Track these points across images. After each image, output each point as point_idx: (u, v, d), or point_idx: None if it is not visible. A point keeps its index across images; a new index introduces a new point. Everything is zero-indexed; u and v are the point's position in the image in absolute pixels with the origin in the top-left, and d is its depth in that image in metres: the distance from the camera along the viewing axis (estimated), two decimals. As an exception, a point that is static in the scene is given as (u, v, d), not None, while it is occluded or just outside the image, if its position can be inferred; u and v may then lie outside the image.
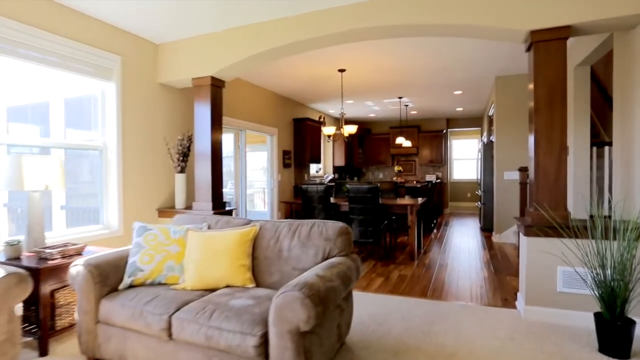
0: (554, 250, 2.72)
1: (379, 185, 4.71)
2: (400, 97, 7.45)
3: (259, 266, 2.45)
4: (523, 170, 4.54)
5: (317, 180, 9.15)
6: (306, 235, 2.41)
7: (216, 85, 4.15)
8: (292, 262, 2.36)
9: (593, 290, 2.37)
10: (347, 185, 4.71)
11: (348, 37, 3.43)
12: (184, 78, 4.18)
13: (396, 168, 7.86)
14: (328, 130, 5.33)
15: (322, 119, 9.21)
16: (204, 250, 2.40)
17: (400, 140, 8.25)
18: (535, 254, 2.78)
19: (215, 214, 4.00)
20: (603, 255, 2.35)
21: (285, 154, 7.31)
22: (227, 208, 4.33)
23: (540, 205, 2.77)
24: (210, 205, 4.08)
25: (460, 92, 6.98)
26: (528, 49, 3.00)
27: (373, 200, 4.62)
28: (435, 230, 7.23)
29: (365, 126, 11.23)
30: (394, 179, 7.72)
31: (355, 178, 11.16)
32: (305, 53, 4.75)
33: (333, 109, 9.04)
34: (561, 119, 2.77)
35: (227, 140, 9.38)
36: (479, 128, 10.26)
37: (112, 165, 3.83)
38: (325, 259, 2.31)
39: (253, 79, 5.95)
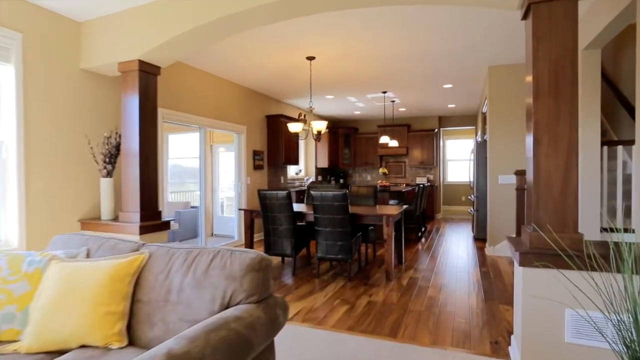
0: (561, 287, 1.98)
1: (349, 190, 3.97)
2: (384, 92, 6.72)
3: (139, 313, 1.70)
4: (520, 173, 3.81)
5: (296, 183, 8.41)
6: (204, 270, 1.67)
7: (147, 71, 3.41)
8: (181, 310, 1.62)
9: (616, 345, 1.64)
10: (312, 192, 3.98)
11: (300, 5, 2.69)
12: (109, 63, 3.44)
13: (381, 170, 7.14)
14: (294, 127, 4.59)
15: (302, 117, 8.48)
16: (60, 290, 1.66)
17: (385, 140, 7.53)
18: (534, 289, 2.04)
19: (143, 227, 3.27)
20: (635, 297, 1.61)
21: (256, 154, 6.57)
22: (168, 219, 3.60)
23: (541, 224, 2.04)
24: (138, 215, 3.34)
25: (450, 85, 6.26)
26: (524, 16, 2.27)
27: (341, 209, 3.89)
28: (423, 240, 6.50)
29: (351, 125, 10.50)
30: (379, 182, 7.00)
31: (341, 180, 10.43)
32: (268, 40, 4.02)
33: (315, 106, 8.30)
34: (571, 108, 2.03)
35: (193, 140, 8.70)
36: (474, 127, 9.55)
37: (9, 167, 3.08)
38: (224, 307, 1.57)
39: (215, 69, 5.21)
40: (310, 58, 4.70)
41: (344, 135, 9.99)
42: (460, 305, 3.25)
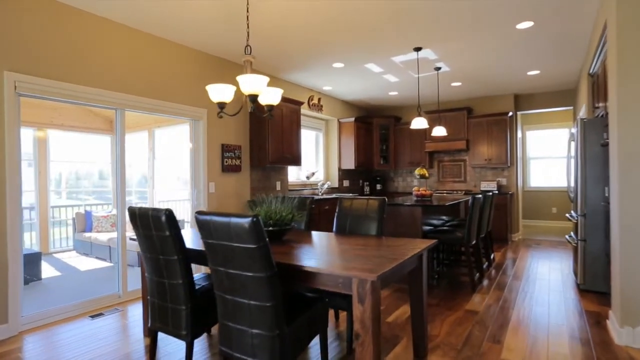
0: None
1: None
2: (417, 49, 4.29)
3: None
4: None
5: (306, 191, 6.26)
6: None
7: None
8: None
9: None
10: (198, 217, 1.85)
11: None
12: None
13: (417, 171, 4.67)
14: (215, 94, 2.45)
15: (314, 101, 6.35)
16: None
17: (437, 131, 5.03)
18: None
19: None
20: None
21: (227, 150, 4.59)
22: None
23: None
24: None
25: (529, 23, 3.63)
26: None
27: (250, 256, 1.68)
28: (484, 284, 3.91)
29: (390, 113, 8.05)
30: (415, 190, 4.57)
31: (378, 186, 8.01)
32: None
33: (332, 85, 6.10)
34: None
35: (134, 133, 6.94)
36: (571, 107, 6.49)
37: None
38: None
39: (146, 25, 3.35)
40: (246, -34, 2.57)
41: (380, 126, 7.60)
42: None
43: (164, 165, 7.07)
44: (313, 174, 6.57)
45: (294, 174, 6.37)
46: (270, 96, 2.63)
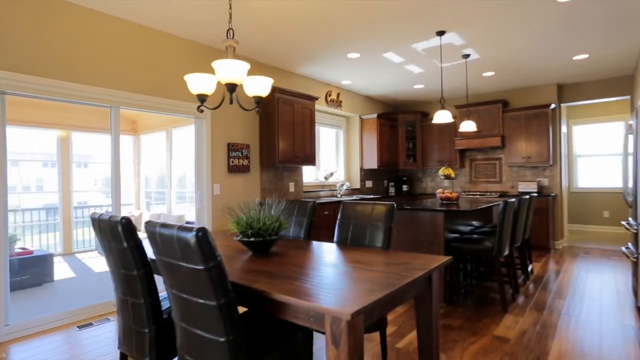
0: None
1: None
2: (440, 33, 3.79)
3: None
4: None
5: (323, 193, 5.89)
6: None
7: None
8: None
9: None
10: (146, 226, 1.54)
11: None
12: None
13: (442, 171, 4.14)
14: (195, 85, 2.14)
15: (332, 96, 5.96)
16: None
17: (465, 127, 4.49)
18: None
19: None
20: None
21: (233, 149, 4.32)
22: None
23: None
24: None
25: (575, -5, 3.05)
26: None
27: (201, 280, 1.34)
28: (520, 300, 3.36)
29: (417, 108, 7.50)
30: (440, 193, 4.06)
31: (404, 187, 7.48)
32: None
33: (351, 79, 5.70)
34: None
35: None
36: (628, 97, 5.67)
37: None
38: None
39: (141, 17, 3.14)
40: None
41: (406, 123, 7.07)
42: None
43: (181, 165, 6.97)
44: (332, 174, 6.18)
45: (312, 174, 6.03)
46: (257, 86, 2.28)
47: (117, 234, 1.78)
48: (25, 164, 7.03)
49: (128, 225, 1.77)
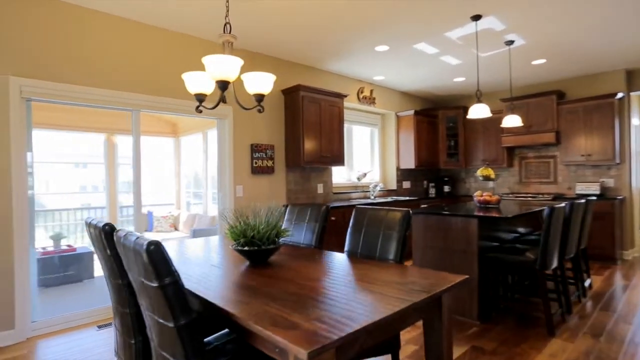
0: None
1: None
2: (476, 17, 3.39)
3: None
4: None
5: (355, 195, 5.64)
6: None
7: None
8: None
9: None
10: (114, 234, 1.44)
11: None
12: None
13: (480, 172, 3.70)
14: (192, 84, 2.02)
15: (365, 93, 5.68)
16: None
17: (510, 121, 4.03)
18: None
19: None
20: None
21: (257, 150, 4.23)
22: None
23: None
24: None
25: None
26: None
27: (157, 298, 1.21)
28: (572, 320, 2.88)
29: (459, 103, 6.96)
30: (477, 196, 3.64)
31: (446, 188, 6.99)
32: None
33: (384, 75, 5.39)
34: None
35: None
36: None
37: None
38: None
39: (160, 19, 3.16)
40: None
41: (447, 119, 6.59)
42: None
43: (214, 166, 7.06)
44: (365, 174, 5.91)
45: (344, 175, 5.81)
46: (258, 83, 2.13)
47: (100, 240, 1.72)
48: (74, 166, 7.55)
49: (111, 232, 1.70)
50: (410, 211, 2.13)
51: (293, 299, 1.36)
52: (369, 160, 6.39)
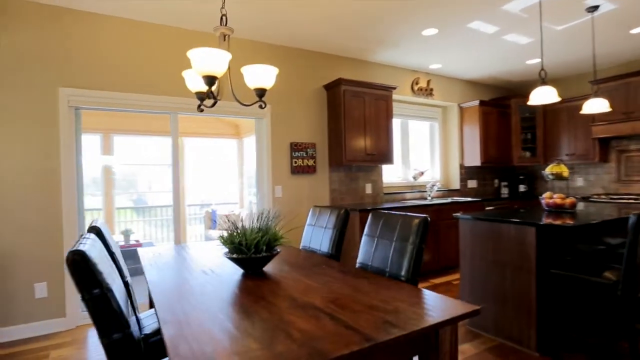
0: None
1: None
2: (540, -18, 2.79)
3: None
4: None
5: (410, 195, 5.19)
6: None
7: None
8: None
9: None
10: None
11: None
12: None
13: (549, 169, 3.03)
14: (193, 82, 1.93)
15: (421, 84, 5.20)
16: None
17: (593, 106, 3.29)
18: None
19: None
20: None
21: (297, 149, 4.10)
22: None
23: None
24: None
25: None
26: None
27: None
28: (669, 369, 2.20)
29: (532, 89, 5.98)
30: (545, 198, 3.01)
31: (521, 187, 6.09)
32: None
33: (442, 62, 4.87)
34: None
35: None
36: None
37: None
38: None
39: (196, 23, 3.24)
40: None
41: (521, 109, 5.73)
42: None
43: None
44: (422, 173, 5.42)
45: (400, 174, 5.40)
46: (259, 77, 1.97)
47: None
48: (146, 167, 8.28)
49: (97, 235, 1.68)
50: (428, 218, 1.77)
51: (257, 328, 1.17)
52: (428, 157, 5.86)
